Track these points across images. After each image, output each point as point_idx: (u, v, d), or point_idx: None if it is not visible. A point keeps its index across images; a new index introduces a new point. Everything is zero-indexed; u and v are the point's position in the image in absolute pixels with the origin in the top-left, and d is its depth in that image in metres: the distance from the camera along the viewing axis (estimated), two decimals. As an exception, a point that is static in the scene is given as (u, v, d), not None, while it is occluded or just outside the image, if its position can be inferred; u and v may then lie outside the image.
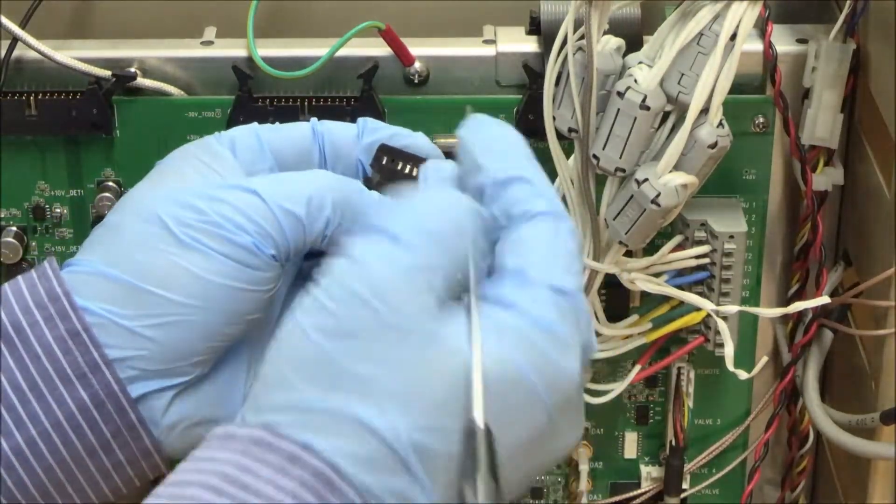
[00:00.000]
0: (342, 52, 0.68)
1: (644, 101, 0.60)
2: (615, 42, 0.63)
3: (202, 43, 0.71)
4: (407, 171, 0.56)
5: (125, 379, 0.53)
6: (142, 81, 0.69)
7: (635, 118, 0.61)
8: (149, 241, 0.53)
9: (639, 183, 0.61)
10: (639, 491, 0.76)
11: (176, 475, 0.44)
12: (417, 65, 0.69)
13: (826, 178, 0.69)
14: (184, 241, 0.53)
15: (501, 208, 0.49)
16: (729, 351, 0.64)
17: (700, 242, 0.68)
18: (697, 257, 0.68)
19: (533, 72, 0.68)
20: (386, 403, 0.44)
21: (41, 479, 0.52)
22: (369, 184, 0.57)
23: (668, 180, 0.61)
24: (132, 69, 0.69)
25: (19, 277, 0.54)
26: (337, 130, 0.58)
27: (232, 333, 0.54)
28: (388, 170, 0.57)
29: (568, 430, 0.48)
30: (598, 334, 0.69)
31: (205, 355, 0.54)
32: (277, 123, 0.59)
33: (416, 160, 0.57)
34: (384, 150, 0.57)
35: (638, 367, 0.72)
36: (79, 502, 0.53)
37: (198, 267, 0.53)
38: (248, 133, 0.58)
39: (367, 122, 0.59)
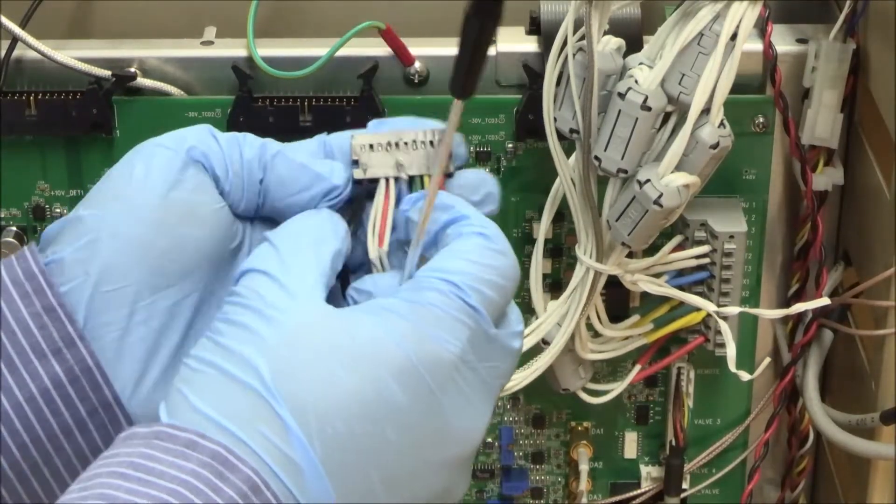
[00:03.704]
0: (342, 52, 0.68)
1: (645, 101, 0.60)
2: (615, 42, 0.63)
3: (202, 43, 0.71)
4: (386, 146, 0.56)
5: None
6: (142, 81, 0.69)
7: (637, 119, 0.61)
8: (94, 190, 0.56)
9: (641, 184, 0.61)
10: (639, 491, 0.76)
11: (85, 473, 0.47)
12: (417, 65, 0.69)
13: (826, 178, 0.69)
14: (120, 163, 0.55)
15: (442, 240, 0.53)
16: (731, 352, 0.64)
17: (700, 242, 0.68)
18: (697, 257, 0.68)
19: (533, 72, 0.68)
20: (258, 360, 0.48)
21: (15, 456, 0.53)
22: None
23: (670, 181, 0.61)
24: (132, 69, 0.69)
25: None
26: (344, 139, 0.59)
27: (167, 251, 0.54)
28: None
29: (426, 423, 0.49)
30: (598, 335, 0.69)
31: (149, 277, 0.54)
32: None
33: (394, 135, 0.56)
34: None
35: (638, 367, 0.72)
36: (55, 486, 0.54)
37: (124, 180, 0.54)
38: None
39: (375, 123, 0.59)
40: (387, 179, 0.55)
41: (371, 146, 0.55)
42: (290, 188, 0.56)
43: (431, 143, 0.55)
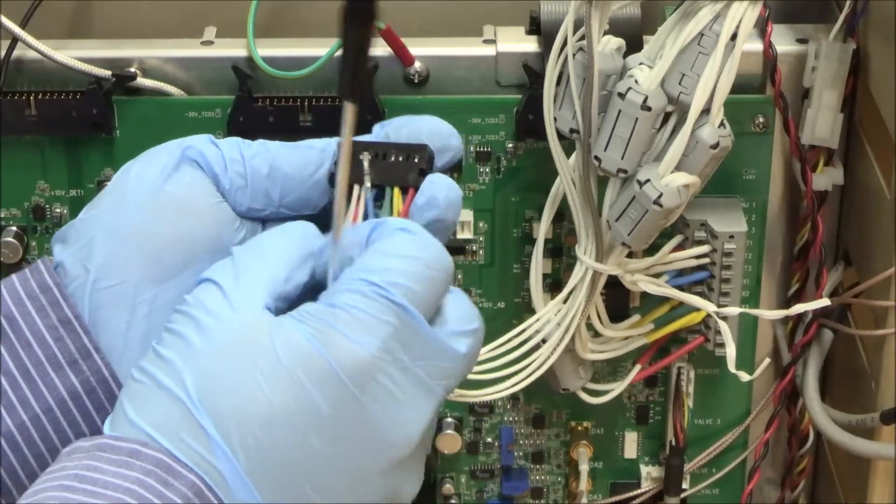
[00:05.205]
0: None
1: (645, 101, 0.60)
2: (615, 42, 0.63)
3: (202, 43, 0.71)
4: (362, 158, 0.57)
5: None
6: (142, 81, 0.69)
7: (637, 119, 0.61)
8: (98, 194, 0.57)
9: (641, 184, 0.61)
10: (639, 491, 0.76)
11: (31, 488, 0.47)
12: (417, 65, 0.69)
13: (826, 178, 0.69)
14: (121, 168, 0.56)
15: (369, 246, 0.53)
16: (731, 353, 0.64)
17: (700, 242, 0.68)
18: (698, 257, 0.68)
19: (533, 72, 0.68)
20: (185, 369, 0.48)
21: (32, 467, 0.53)
22: (332, 179, 0.57)
23: (670, 181, 0.61)
24: (132, 69, 0.69)
25: (13, 275, 0.55)
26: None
27: (165, 243, 0.54)
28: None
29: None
30: (598, 335, 0.69)
31: (149, 270, 0.54)
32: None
33: (379, 146, 0.58)
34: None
35: (638, 367, 0.72)
36: None
37: (121, 181, 0.55)
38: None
39: (381, 125, 0.60)
40: (358, 187, 0.56)
41: (354, 152, 0.56)
42: (307, 169, 0.57)
43: (408, 157, 0.56)
